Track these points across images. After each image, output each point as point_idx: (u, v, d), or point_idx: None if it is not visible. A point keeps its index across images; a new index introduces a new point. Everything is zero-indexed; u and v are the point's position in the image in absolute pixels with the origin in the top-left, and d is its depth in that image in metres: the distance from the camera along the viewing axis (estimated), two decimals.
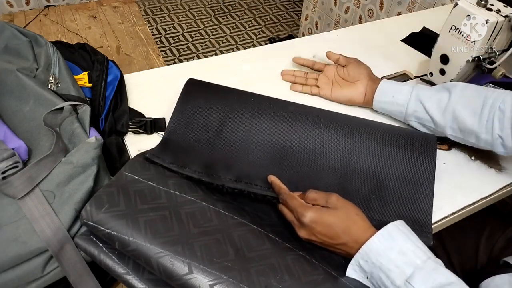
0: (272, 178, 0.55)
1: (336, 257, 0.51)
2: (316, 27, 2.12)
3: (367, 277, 0.47)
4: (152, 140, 0.63)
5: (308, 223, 0.48)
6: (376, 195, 0.56)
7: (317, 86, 0.75)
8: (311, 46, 0.87)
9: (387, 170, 0.58)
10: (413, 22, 0.97)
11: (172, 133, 0.61)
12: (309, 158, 0.59)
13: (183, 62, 2.08)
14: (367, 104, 0.71)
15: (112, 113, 0.65)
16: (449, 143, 0.68)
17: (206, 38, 2.40)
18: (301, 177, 0.58)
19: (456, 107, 0.59)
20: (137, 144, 0.63)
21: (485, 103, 0.57)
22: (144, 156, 0.57)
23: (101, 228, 0.45)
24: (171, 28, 2.45)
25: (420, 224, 0.54)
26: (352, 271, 0.48)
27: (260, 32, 2.50)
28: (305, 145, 0.60)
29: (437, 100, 0.62)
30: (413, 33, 0.94)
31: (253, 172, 0.57)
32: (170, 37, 2.38)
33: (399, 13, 1.58)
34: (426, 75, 0.76)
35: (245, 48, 2.33)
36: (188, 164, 0.57)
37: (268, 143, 0.60)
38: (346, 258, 0.50)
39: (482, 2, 0.63)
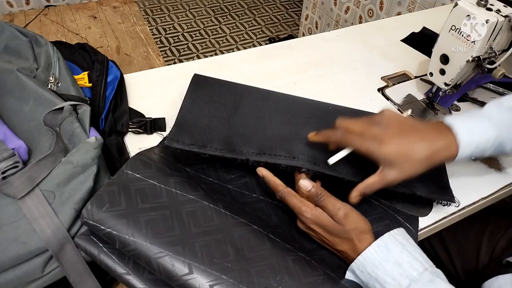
0: (264, 172, 0.51)
1: (336, 259, 0.51)
2: (316, 27, 2.12)
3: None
4: (152, 140, 0.63)
5: (309, 222, 0.48)
6: None
7: None
8: (311, 46, 0.87)
9: None
10: (413, 22, 0.97)
11: (184, 116, 0.61)
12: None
13: (183, 62, 2.08)
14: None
15: (112, 113, 0.65)
16: None
17: (206, 38, 2.40)
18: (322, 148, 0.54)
19: None
20: (137, 144, 0.63)
21: None
22: (162, 145, 0.58)
23: (102, 227, 0.45)
24: (171, 28, 2.45)
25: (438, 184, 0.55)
26: (351, 276, 0.48)
27: (260, 32, 2.50)
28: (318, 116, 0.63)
29: None
30: (413, 33, 0.94)
31: (275, 144, 0.56)
32: (170, 37, 2.38)
33: (399, 13, 1.58)
34: (426, 75, 0.76)
35: (245, 48, 2.34)
36: (208, 143, 0.56)
37: (282, 119, 0.61)
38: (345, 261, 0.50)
39: (482, 2, 0.63)
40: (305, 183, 0.49)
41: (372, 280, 0.45)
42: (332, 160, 0.51)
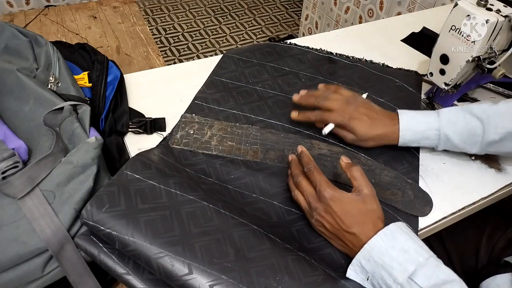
0: (303, 148, 0.56)
1: (336, 258, 0.51)
2: (316, 27, 2.12)
3: (368, 279, 0.46)
4: (152, 140, 0.63)
5: (328, 198, 0.49)
6: None
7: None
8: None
9: None
10: (413, 22, 0.98)
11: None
12: None
13: (183, 62, 2.08)
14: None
15: (112, 113, 0.65)
16: None
17: (206, 38, 2.40)
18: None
19: (494, 139, 0.58)
20: (137, 144, 0.63)
21: None
22: (162, 145, 0.60)
23: (101, 228, 0.45)
24: (171, 28, 2.45)
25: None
26: (352, 273, 0.48)
27: (260, 32, 2.50)
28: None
29: (471, 136, 0.59)
30: (413, 33, 0.94)
31: None
32: (170, 37, 2.38)
33: (399, 13, 1.58)
34: (426, 75, 0.76)
35: None
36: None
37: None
38: (346, 259, 0.50)
39: (482, 2, 0.63)
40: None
41: (379, 268, 0.45)
42: (326, 130, 0.63)
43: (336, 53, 0.84)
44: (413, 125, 0.60)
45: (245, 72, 0.76)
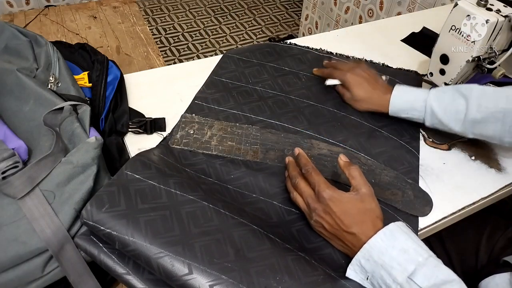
0: (300, 150, 0.57)
1: (336, 258, 0.51)
2: (316, 27, 2.12)
3: (367, 278, 0.46)
4: (152, 140, 0.63)
5: (327, 199, 0.49)
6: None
7: None
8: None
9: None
10: (413, 22, 0.98)
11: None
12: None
13: (183, 62, 2.08)
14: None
15: (112, 113, 0.65)
16: (449, 143, 0.68)
17: (206, 38, 2.40)
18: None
19: (476, 117, 0.59)
20: (137, 144, 0.63)
21: (505, 109, 0.57)
22: (162, 145, 0.61)
23: (101, 228, 0.45)
24: (171, 28, 2.45)
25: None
26: (352, 272, 0.48)
27: (260, 32, 2.50)
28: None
29: (454, 112, 0.61)
30: (413, 33, 0.94)
31: None
32: (170, 37, 2.38)
33: (399, 13, 1.58)
34: (426, 75, 0.76)
35: None
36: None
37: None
38: (346, 259, 0.50)
39: (482, 2, 0.63)
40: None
41: (378, 267, 0.45)
42: (328, 82, 0.73)
43: (336, 53, 0.84)
44: (403, 95, 0.65)
45: (245, 72, 0.76)
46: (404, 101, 0.65)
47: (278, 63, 0.80)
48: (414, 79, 0.80)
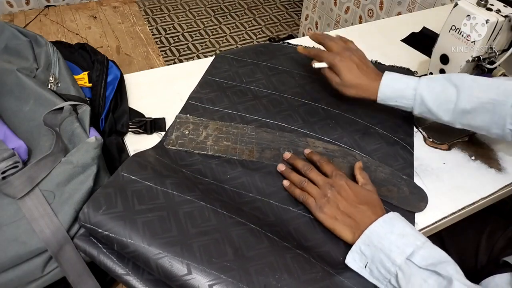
0: (309, 150, 0.61)
1: (333, 255, 0.51)
2: (316, 27, 2.12)
3: (366, 266, 0.48)
4: (152, 140, 0.63)
5: (345, 179, 0.54)
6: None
7: None
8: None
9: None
10: (413, 22, 0.97)
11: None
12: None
13: (183, 62, 2.08)
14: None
15: (112, 113, 0.65)
16: (449, 143, 0.68)
17: (206, 38, 2.40)
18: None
19: (465, 107, 0.58)
20: (137, 144, 0.63)
21: (496, 101, 0.57)
22: (158, 146, 0.60)
23: (99, 230, 0.45)
24: (171, 28, 2.45)
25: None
26: (351, 260, 0.49)
27: (260, 32, 2.50)
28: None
29: (444, 101, 0.60)
30: (413, 33, 0.94)
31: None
32: (170, 37, 2.38)
33: (399, 13, 1.58)
34: (426, 75, 0.76)
35: None
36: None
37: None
38: (344, 256, 0.50)
39: (482, 2, 0.63)
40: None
41: (378, 251, 0.47)
42: (316, 65, 0.68)
43: None
44: (393, 83, 0.63)
45: (239, 72, 0.76)
46: (394, 89, 0.62)
47: (272, 62, 0.80)
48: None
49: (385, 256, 0.46)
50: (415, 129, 0.70)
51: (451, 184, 0.62)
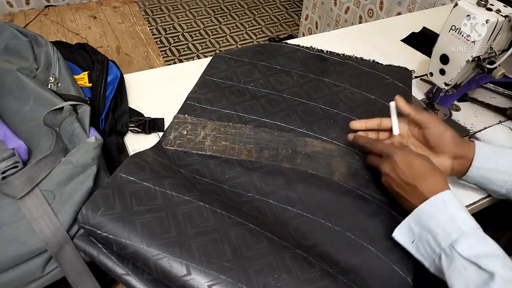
0: (353, 135, 0.61)
1: (332, 255, 0.51)
2: (316, 27, 2.12)
3: (413, 242, 0.49)
4: (152, 140, 0.63)
5: (396, 158, 0.52)
6: None
7: None
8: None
9: None
10: (413, 22, 0.97)
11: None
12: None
13: (183, 62, 2.08)
14: (454, 175, 0.59)
15: (112, 113, 0.65)
16: None
17: (206, 38, 2.40)
18: None
19: None
20: (137, 144, 0.63)
21: None
22: (156, 147, 0.60)
23: (98, 231, 0.45)
24: (171, 28, 2.45)
25: None
26: (398, 234, 0.50)
27: (260, 32, 2.50)
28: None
29: None
30: (413, 33, 0.94)
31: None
32: (170, 37, 2.38)
33: (399, 13, 1.58)
34: (426, 75, 0.76)
35: None
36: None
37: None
38: (343, 255, 0.50)
39: (482, 2, 0.63)
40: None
41: (425, 231, 0.47)
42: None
43: (327, 51, 0.84)
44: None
45: (237, 71, 0.76)
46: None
47: (270, 61, 0.80)
48: (404, 75, 0.80)
49: (432, 237, 0.47)
50: None
51: (451, 184, 0.62)
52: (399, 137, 0.59)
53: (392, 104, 0.60)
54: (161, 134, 0.65)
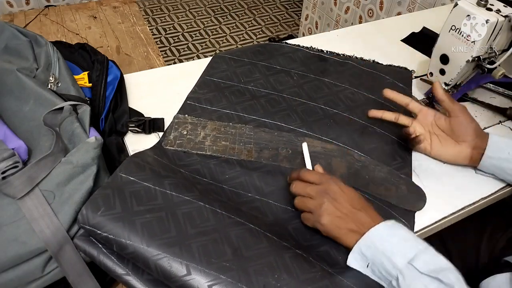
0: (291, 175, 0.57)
1: (333, 255, 0.51)
2: (316, 27, 2.12)
3: (367, 265, 0.47)
4: (152, 140, 0.63)
5: (337, 181, 0.52)
6: None
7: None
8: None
9: None
10: (413, 22, 0.97)
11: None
12: None
13: (183, 62, 2.08)
14: (471, 164, 0.63)
15: (112, 113, 0.65)
16: None
17: (206, 38, 2.40)
18: None
19: None
20: (137, 144, 0.63)
21: None
22: (156, 147, 0.59)
23: (98, 231, 0.45)
24: (171, 28, 2.45)
25: None
26: (352, 260, 0.48)
27: (260, 32, 2.50)
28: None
29: None
30: (413, 33, 0.94)
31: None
32: (170, 37, 2.38)
33: (399, 13, 1.58)
34: (426, 75, 0.76)
35: None
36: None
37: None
38: (343, 256, 0.50)
39: (482, 2, 0.63)
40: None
41: (379, 254, 0.46)
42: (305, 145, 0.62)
43: (327, 51, 0.84)
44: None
45: (237, 71, 0.76)
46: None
47: (270, 61, 0.80)
48: (404, 75, 0.80)
49: (387, 259, 0.46)
50: None
51: (451, 184, 0.62)
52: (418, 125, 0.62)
53: (304, 144, 0.62)
54: (161, 134, 0.65)
